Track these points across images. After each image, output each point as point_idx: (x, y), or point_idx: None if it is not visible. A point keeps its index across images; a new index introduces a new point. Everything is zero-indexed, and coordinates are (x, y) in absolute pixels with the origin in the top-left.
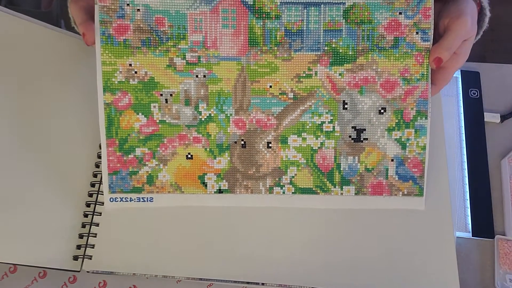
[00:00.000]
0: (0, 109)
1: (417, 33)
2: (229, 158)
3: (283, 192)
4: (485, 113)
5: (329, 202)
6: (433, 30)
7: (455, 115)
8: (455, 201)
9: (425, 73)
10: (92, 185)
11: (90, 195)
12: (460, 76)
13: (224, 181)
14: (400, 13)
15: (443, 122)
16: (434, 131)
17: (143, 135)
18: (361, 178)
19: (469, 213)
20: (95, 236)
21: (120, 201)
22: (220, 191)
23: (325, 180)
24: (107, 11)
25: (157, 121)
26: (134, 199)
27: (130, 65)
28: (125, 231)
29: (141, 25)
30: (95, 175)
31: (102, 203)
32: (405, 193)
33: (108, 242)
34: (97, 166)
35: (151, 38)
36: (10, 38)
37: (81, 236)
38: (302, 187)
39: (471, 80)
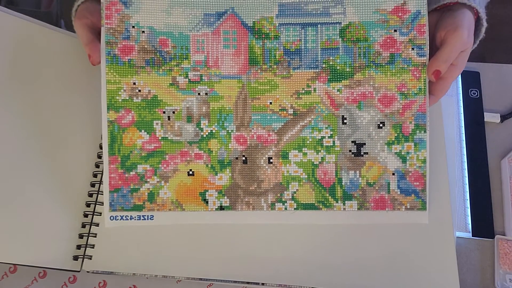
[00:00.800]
0: (0, 109)
1: (412, 49)
2: (230, 174)
3: (285, 208)
4: (485, 113)
5: (332, 217)
6: (428, 46)
7: (455, 115)
8: (455, 201)
9: (423, 87)
10: (92, 185)
11: (90, 195)
12: (460, 76)
13: (225, 197)
14: (395, 31)
15: (443, 122)
16: (434, 131)
17: (145, 152)
18: (363, 193)
19: (469, 213)
20: (95, 236)
21: (120, 219)
22: (221, 208)
23: (327, 195)
24: (113, 33)
25: (159, 138)
26: (135, 217)
27: (134, 83)
28: (125, 231)
29: (146, 46)
30: (95, 175)
31: (102, 203)
32: (408, 207)
33: (108, 242)
34: (97, 166)
35: (155, 58)
36: (10, 38)
37: (81, 236)
38: (304, 202)
39: (471, 80)
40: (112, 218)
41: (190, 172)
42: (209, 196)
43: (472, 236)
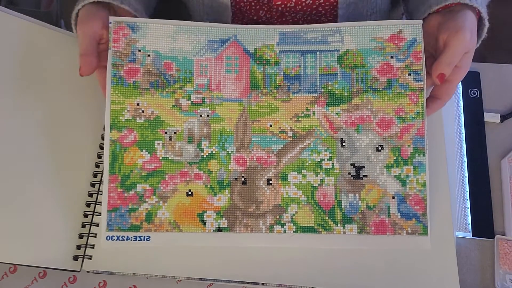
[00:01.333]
0: (0, 109)
1: (409, 74)
2: (229, 195)
3: (284, 231)
4: (485, 113)
5: (332, 241)
6: (425, 71)
7: (455, 115)
8: (455, 201)
9: (420, 111)
10: (92, 185)
11: (90, 195)
12: None
13: (223, 219)
14: (392, 57)
15: (443, 122)
16: (434, 131)
17: (145, 172)
18: (363, 216)
19: (469, 213)
20: (95, 236)
21: (116, 239)
22: (219, 229)
23: (327, 218)
24: (119, 55)
25: (160, 157)
26: (131, 237)
27: (138, 104)
28: None
29: (151, 69)
30: (95, 175)
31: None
32: (409, 232)
33: None
34: (97, 166)
35: (159, 81)
36: (10, 38)
37: (81, 236)
38: (304, 225)
39: (471, 80)
40: (108, 238)
41: (189, 193)
42: (207, 217)
43: (472, 236)
